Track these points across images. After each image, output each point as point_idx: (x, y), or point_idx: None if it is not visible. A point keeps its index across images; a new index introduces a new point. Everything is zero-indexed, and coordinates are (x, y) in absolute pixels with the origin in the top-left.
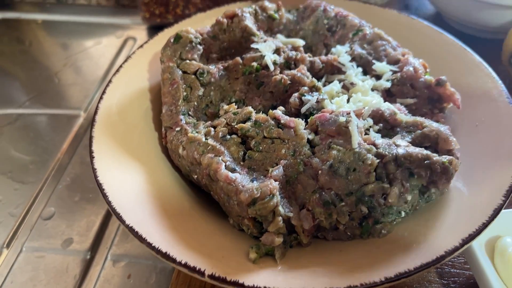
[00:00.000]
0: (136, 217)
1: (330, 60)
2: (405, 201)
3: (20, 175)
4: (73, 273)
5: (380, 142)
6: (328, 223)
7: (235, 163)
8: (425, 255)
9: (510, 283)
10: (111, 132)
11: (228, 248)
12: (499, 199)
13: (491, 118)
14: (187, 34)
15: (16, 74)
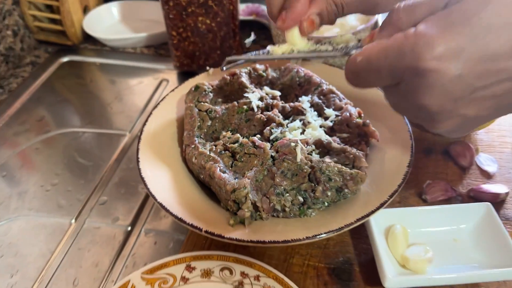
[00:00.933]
0: (163, 197)
1: (296, 106)
2: (327, 195)
3: (83, 174)
4: (118, 239)
5: (314, 160)
6: (279, 206)
7: (226, 168)
8: (338, 223)
9: (395, 252)
10: (150, 146)
11: (218, 218)
12: (386, 197)
13: (394, 143)
14: (203, 86)
15: (78, 103)
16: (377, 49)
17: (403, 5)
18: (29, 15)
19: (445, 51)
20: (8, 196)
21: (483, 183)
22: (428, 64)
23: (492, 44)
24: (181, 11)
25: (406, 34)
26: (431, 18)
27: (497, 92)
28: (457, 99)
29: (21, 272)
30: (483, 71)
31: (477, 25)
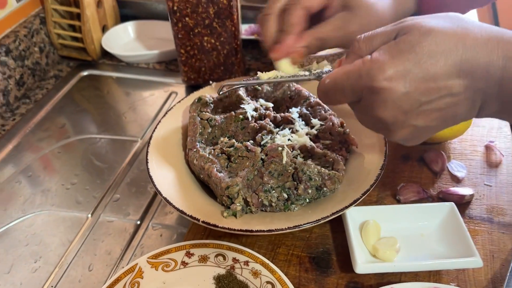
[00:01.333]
0: (168, 193)
1: (286, 116)
2: (308, 193)
3: (99, 174)
4: (128, 231)
5: (297, 162)
6: (266, 201)
7: (222, 169)
8: (316, 217)
9: (367, 243)
10: (158, 150)
11: (214, 211)
12: (359, 195)
13: (371, 149)
14: (205, 97)
15: (96, 113)
16: (341, 73)
17: (363, 37)
18: (54, 34)
19: (394, 73)
20: (33, 193)
21: (453, 186)
22: (381, 84)
23: (432, 67)
24: (189, 32)
25: (363, 60)
26: (384, 47)
27: (440, 106)
28: (407, 112)
29: (43, 258)
30: (426, 88)
31: (420, 52)
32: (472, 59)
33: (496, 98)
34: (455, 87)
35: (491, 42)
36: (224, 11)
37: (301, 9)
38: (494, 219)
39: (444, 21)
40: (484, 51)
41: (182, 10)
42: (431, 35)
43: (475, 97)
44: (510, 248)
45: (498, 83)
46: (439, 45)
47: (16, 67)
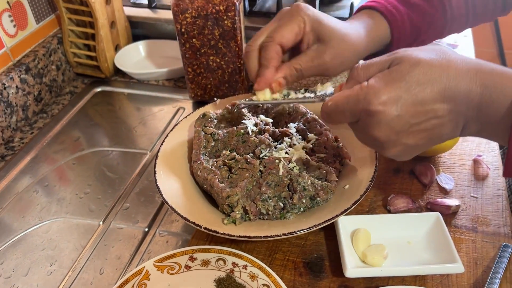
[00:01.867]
0: (174, 201)
1: (284, 131)
2: (302, 202)
3: (111, 185)
4: (137, 238)
5: (293, 173)
6: (264, 210)
7: (223, 179)
8: (309, 224)
9: (357, 250)
10: (165, 162)
11: (215, 218)
12: (349, 204)
13: (363, 162)
14: (209, 113)
15: (108, 127)
16: (342, 97)
17: (361, 65)
18: (70, 53)
19: (388, 98)
20: (49, 202)
21: (441, 197)
22: (376, 108)
23: (420, 94)
24: (195, 52)
25: (361, 86)
26: (379, 75)
27: (428, 127)
28: (398, 132)
29: (58, 262)
30: (415, 112)
31: (409, 81)
32: (454, 87)
33: (476, 120)
34: (440, 110)
35: (470, 72)
36: (228, 33)
37: (276, 45)
38: (478, 228)
39: (430, 53)
40: (465, 80)
41: (190, 32)
42: (419, 66)
43: (458, 119)
44: (492, 255)
45: (477, 108)
46: (426, 75)
47: (35, 84)
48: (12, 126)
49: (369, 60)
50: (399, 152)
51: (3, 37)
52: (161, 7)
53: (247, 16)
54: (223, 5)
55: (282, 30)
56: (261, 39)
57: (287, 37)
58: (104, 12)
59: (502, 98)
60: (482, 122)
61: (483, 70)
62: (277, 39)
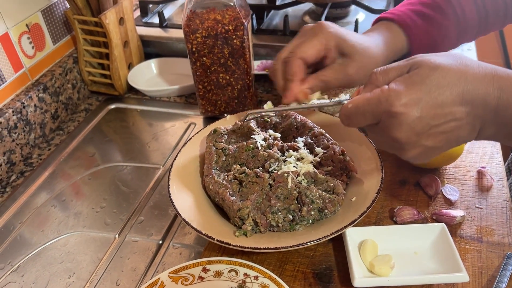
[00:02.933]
0: (187, 215)
1: (292, 145)
2: (311, 214)
3: (125, 199)
4: (151, 250)
5: (301, 186)
6: (274, 222)
7: (234, 193)
8: (318, 236)
9: (365, 260)
10: (178, 176)
11: (227, 231)
12: (356, 216)
13: (369, 175)
14: (220, 129)
15: (122, 143)
16: (363, 99)
17: (380, 70)
18: (85, 72)
19: (409, 100)
20: (66, 216)
21: (446, 208)
22: (398, 109)
23: (439, 97)
24: (206, 70)
25: (382, 89)
26: (399, 79)
27: (446, 129)
28: (419, 133)
29: (76, 274)
30: (435, 114)
31: (429, 84)
32: (472, 91)
33: (492, 123)
34: (458, 113)
35: (487, 76)
36: (237, 52)
37: (298, 60)
38: (483, 238)
39: (448, 58)
40: (482, 84)
41: (200, 51)
42: (439, 70)
43: (475, 122)
44: (497, 265)
45: (494, 111)
46: (445, 79)
47: (52, 102)
48: (30, 143)
49: (387, 65)
50: (418, 153)
51: (22, 58)
52: (172, 26)
53: (255, 34)
54: (232, 25)
55: (304, 46)
56: (285, 55)
57: (309, 53)
58: (118, 32)
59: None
60: (499, 125)
61: (500, 74)
62: (298, 54)
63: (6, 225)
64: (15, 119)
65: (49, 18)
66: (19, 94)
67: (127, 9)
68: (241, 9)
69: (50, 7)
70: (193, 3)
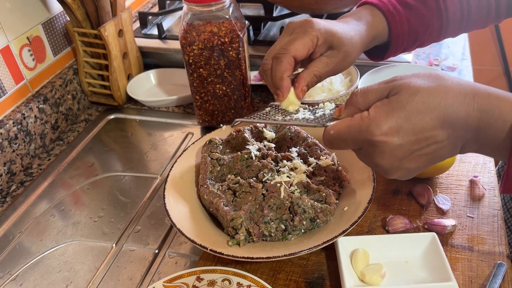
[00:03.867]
0: (182, 225)
1: (286, 155)
2: (303, 224)
3: (123, 208)
4: (148, 259)
5: (294, 196)
6: (266, 232)
7: (228, 203)
8: (310, 245)
9: (356, 269)
10: (174, 186)
11: (220, 240)
12: (347, 225)
13: (361, 185)
14: (215, 140)
15: (121, 152)
16: (344, 126)
17: (360, 91)
18: (85, 83)
19: (389, 129)
20: (65, 225)
21: (438, 217)
22: (378, 138)
23: (420, 122)
24: (203, 81)
25: (362, 116)
26: (378, 104)
27: (428, 152)
28: (401, 159)
29: (74, 283)
30: (416, 139)
31: (409, 110)
32: (453, 113)
33: (475, 141)
34: (439, 136)
35: (468, 97)
36: (233, 63)
37: (290, 57)
38: (474, 247)
39: (427, 80)
40: (463, 106)
41: (197, 63)
42: (418, 95)
43: (456, 142)
44: (487, 274)
45: (475, 131)
46: (425, 103)
47: (52, 113)
48: (30, 154)
49: (367, 86)
50: (402, 174)
51: (23, 70)
52: (171, 37)
53: (252, 45)
54: (228, 37)
55: (296, 43)
56: (276, 52)
57: (301, 50)
58: (117, 44)
59: (500, 123)
60: (481, 143)
61: (480, 94)
62: (292, 52)
63: (6, 234)
64: (15, 130)
65: (49, 30)
66: (20, 106)
67: (126, 22)
68: (237, 21)
69: (50, 20)
70: (189, 16)
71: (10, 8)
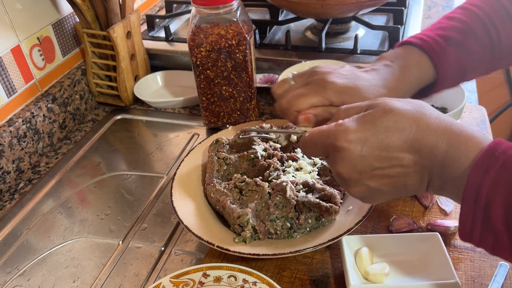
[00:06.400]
0: (188, 221)
1: (292, 155)
2: (308, 222)
3: (129, 206)
4: (154, 257)
5: (299, 195)
6: (272, 230)
7: (234, 201)
8: (315, 243)
9: (360, 268)
10: (181, 185)
11: (227, 237)
12: (352, 225)
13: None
14: (221, 140)
15: (127, 152)
16: (317, 130)
17: (344, 107)
18: (93, 83)
19: (355, 138)
20: (72, 222)
21: (441, 218)
22: (342, 144)
23: (386, 139)
24: (209, 82)
25: (336, 124)
26: (354, 117)
27: (391, 173)
28: (361, 172)
29: (80, 279)
30: (379, 156)
31: (379, 125)
32: (422, 139)
33: (439, 176)
34: (405, 160)
35: (440, 128)
36: (240, 65)
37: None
38: (476, 248)
39: (407, 105)
40: (433, 135)
41: (204, 65)
42: (391, 114)
43: (423, 172)
44: (489, 274)
45: (441, 164)
46: (396, 123)
47: (60, 112)
48: (38, 152)
49: (352, 104)
50: (362, 192)
51: (33, 70)
52: (178, 40)
53: (258, 48)
54: (235, 40)
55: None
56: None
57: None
58: (125, 45)
59: (464, 160)
60: (444, 179)
61: (453, 129)
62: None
63: (14, 231)
64: (24, 128)
65: (59, 31)
66: (29, 104)
67: (134, 24)
68: (244, 24)
69: (60, 21)
70: (198, 18)
71: (21, 8)
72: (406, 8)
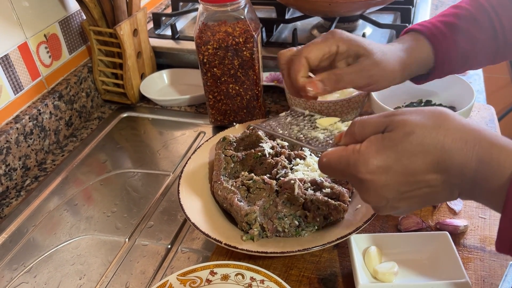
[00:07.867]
0: (196, 219)
1: (299, 154)
2: (316, 220)
3: (136, 204)
4: (160, 254)
5: (307, 193)
6: (280, 228)
7: (242, 199)
8: (323, 241)
9: (369, 266)
10: (188, 183)
11: (234, 235)
12: (361, 223)
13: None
14: (229, 137)
15: (133, 150)
16: (335, 157)
17: (358, 122)
18: (99, 81)
19: (377, 168)
20: (78, 220)
21: (450, 218)
22: (364, 176)
23: (411, 165)
24: (216, 80)
25: (353, 149)
26: (372, 139)
27: (420, 194)
28: (388, 199)
29: (87, 276)
30: (406, 181)
31: (401, 151)
32: (449, 160)
33: (470, 191)
34: (432, 180)
35: (468, 144)
36: (247, 63)
37: (302, 58)
38: (486, 248)
39: (427, 119)
40: (460, 153)
41: (211, 62)
42: (413, 135)
43: (452, 188)
44: (499, 274)
45: (471, 181)
46: (419, 146)
47: (66, 110)
48: (45, 149)
49: (367, 117)
50: (394, 212)
51: (40, 67)
52: (184, 38)
53: (264, 46)
54: (242, 38)
55: (310, 46)
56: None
57: (314, 53)
58: (132, 43)
59: (499, 176)
60: (476, 194)
61: (482, 144)
62: (304, 53)
63: (20, 228)
64: (31, 125)
65: (66, 29)
66: (36, 102)
67: (141, 21)
68: (251, 22)
69: (67, 19)
70: (205, 16)
71: (28, 6)
72: (414, 6)
